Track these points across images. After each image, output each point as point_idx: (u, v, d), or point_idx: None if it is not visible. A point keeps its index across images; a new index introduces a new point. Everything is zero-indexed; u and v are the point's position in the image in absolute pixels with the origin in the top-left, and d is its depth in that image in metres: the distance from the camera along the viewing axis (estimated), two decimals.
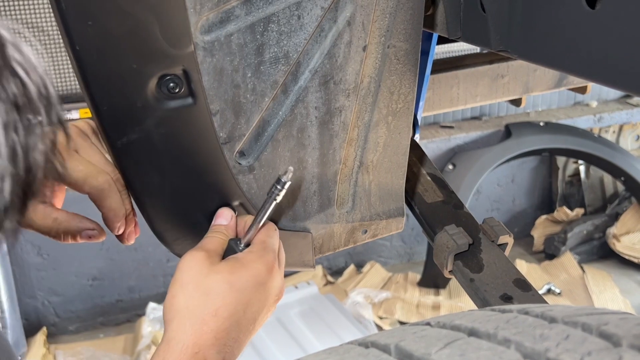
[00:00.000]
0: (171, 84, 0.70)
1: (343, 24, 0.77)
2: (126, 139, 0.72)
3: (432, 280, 3.54)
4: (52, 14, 3.01)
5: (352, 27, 0.78)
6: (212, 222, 0.81)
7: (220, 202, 0.83)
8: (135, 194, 0.78)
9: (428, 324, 0.52)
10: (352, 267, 3.76)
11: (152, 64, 0.68)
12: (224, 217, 0.82)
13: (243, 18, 0.71)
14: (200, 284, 0.70)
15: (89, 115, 2.54)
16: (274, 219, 0.87)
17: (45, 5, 3.09)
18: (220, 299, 0.70)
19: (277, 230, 0.82)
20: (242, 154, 0.80)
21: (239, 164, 0.81)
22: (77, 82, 3.01)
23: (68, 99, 3.22)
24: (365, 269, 3.74)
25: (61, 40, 2.88)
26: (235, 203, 0.84)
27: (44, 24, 3.13)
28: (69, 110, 3.14)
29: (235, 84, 0.74)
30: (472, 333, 0.46)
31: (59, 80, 3.23)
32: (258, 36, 0.73)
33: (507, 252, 1.01)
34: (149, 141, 0.73)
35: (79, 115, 3.14)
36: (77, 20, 0.62)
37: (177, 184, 0.79)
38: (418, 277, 3.63)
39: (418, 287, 3.58)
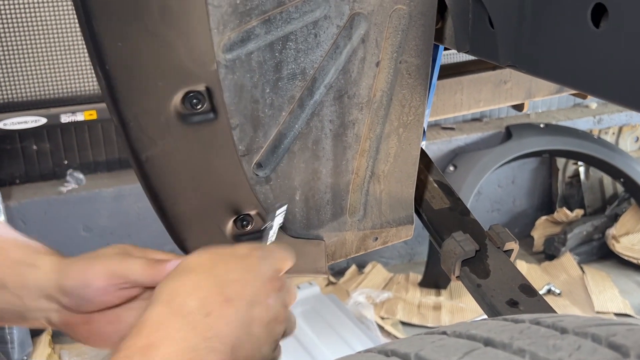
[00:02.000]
0: (194, 100, 0.73)
1: (357, 41, 0.80)
2: (150, 152, 0.75)
3: (434, 280, 3.57)
4: (62, 18, 3.04)
5: (366, 44, 0.81)
6: None
7: (238, 211, 0.86)
8: (157, 204, 0.81)
9: (444, 332, 0.55)
10: (353, 267, 3.80)
11: (177, 81, 0.71)
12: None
13: (263, 37, 0.74)
14: None
15: (94, 117, 2.55)
16: (288, 226, 0.90)
17: (56, 9, 3.11)
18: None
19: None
20: (259, 165, 0.83)
21: (257, 175, 0.84)
22: (83, 85, 3.03)
23: (74, 101, 3.25)
24: (367, 269, 3.77)
25: (70, 43, 2.90)
26: (252, 212, 0.87)
27: (55, 28, 3.16)
28: (74, 112, 3.17)
29: (255, 99, 0.77)
30: (488, 343, 0.49)
31: (66, 82, 3.26)
32: (277, 54, 0.76)
33: (512, 258, 1.04)
34: (172, 154, 0.76)
35: (84, 117, 3.17)
36: (108, 41, 0.65)
37: (198, 195, 0.82)
38: (419, 277, 3.67)
39: (419, 288, 3.61)
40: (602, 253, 3.94)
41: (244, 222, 0.88)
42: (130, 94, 0.70)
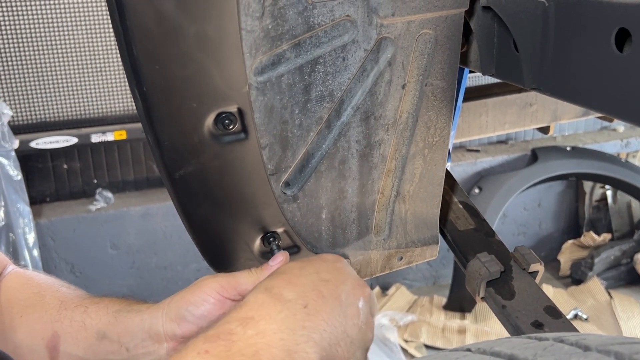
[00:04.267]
0: (226, 121, 0.75)
1: (384, 65, 0.82)
2: (183, 171, 0.77)
3: (458, 303, 3.55)
4: (94, 41, 3.12)
5: (393, 67, 0.83)
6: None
7: (266, 229, 0.88)
8: (188, 221, 0.84)
9: (469, 349, 0.56)
10: (377, 289, 3.79)
11: (210, 103, 0.74)
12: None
13: (293, 60, 0.76)
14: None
15: (124, 137, 2.63)
16: (314, 244, 0.92)
17: (89, 33, 3.20)
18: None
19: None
20: (287, 184, 0.86)
21: (285, 193, 0.86)
22: (113, 106, 3.11)
23: (104, 121, 3.32)
24: (391, 291, 3.76)
25: (101, 66, 2.98)
26: (280, 230, 0.89)
27: (87, 51, 3.24)
28: (104, 132, 3.24)
29: (284, 120, 0.80)
30: (512, 359, 0.50)
31: (97, 103, 3.34)
32: (306, 76, 0.78)
33: (537, 280, 1.04)
34: (204, 173, 0.79)
35: (114, 137, 3.24)
36: (146, 65, 0.68)
37: (228, 212, 0.84)
38: (444, 300, 3.64)
39: (444, 311, 3.58)
40: (630, 278, 3.88)
41: (271, 239, 0.90)
42: (166, 115, 0.73)
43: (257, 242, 0.90)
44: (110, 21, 0.68)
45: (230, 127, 0.76)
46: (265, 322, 0.66)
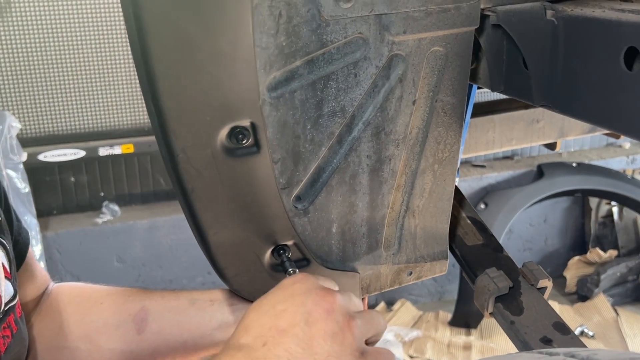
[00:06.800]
0: (240, 135, 0.76)
1: (395, 81, 0.83)
2: (196, 183, 0.78)
3: (464, 319, 3.53)
4: (102, 55, 3.15)
5: (403, 83, 0.84)
6: None
7: (276, 242, 0.89)
8: (199, 233, 0.85)
9: None
10: (382, 304, 3.78)
11: (224, 117, 0.75)
12: None
13: (306, 76, 0.78)
14: None
15: (131, 150, 2.64)
16: (325, 258, 0.93)
17: (97, 47, 3.23)
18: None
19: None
20: (298, 198, 0.86)
21: (296, 207, 0.87)
22: (121, 119, 3.13)
23: (112, 135, 3.34)
24: (396, 306, 3.75)
25: (110, 79, 3.01)
26: (290, 243, 0.90)
27: (95, 65, 3.27)
28: (112, 145, 3.26)
29: (296, 135, 0.81)
30: None
31: (106, 116, 3.36)
32: (318, 92, 0.79)
33: (546, 296, 1.04)
34: (216, 185, 0.80)
35: (122, 150, 3.26)
36: (162, 79, 0.69)
37: (239, 225, 0.85)
38: (449, 316, 3.63)
39: (449, 327, 3.57)
40: (636, 295, 3.86)
41: (281, 252, 0.90)
42: (180, 128, 0.74)
43: (268, 255, 0.90)
44: (118, 35, 0.70)
45: (244, 142, 0.77)
46: None
